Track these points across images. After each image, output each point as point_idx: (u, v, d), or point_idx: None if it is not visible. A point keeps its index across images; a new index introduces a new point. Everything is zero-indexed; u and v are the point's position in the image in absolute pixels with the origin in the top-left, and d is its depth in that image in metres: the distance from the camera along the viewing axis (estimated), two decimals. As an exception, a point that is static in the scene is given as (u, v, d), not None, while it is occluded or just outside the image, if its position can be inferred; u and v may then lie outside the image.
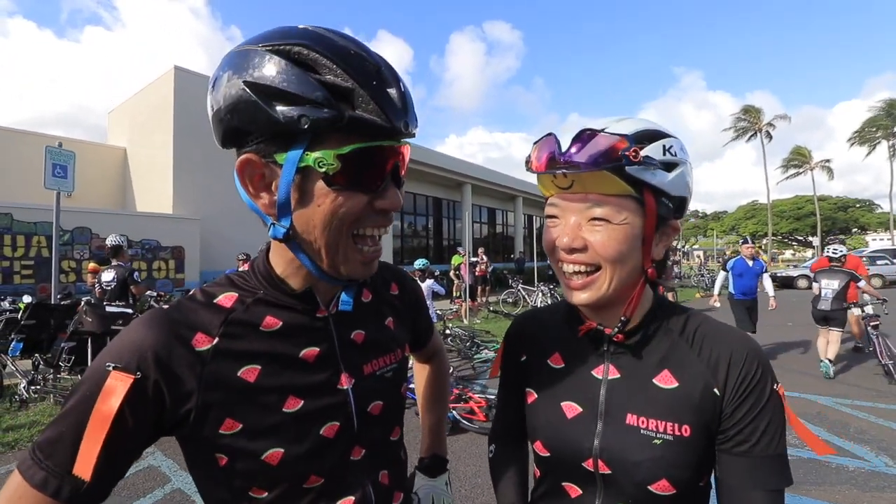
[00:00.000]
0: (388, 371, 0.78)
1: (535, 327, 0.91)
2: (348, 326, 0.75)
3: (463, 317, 10.25)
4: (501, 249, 24.06)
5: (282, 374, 0.65)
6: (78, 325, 5.03)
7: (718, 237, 52.11)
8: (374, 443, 0.74)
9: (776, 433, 0.69)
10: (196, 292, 0.69)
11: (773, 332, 8.37)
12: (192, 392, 0.60)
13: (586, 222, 0.69)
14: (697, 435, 0.69)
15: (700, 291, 17.10)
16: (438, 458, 1.06)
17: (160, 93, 11.72)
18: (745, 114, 40.49)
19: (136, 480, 3.25)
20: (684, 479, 0.69)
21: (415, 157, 15.95)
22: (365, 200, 0.61)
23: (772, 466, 0.68)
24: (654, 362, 0.74)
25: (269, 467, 0.63)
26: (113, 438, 0.55)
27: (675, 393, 0.71)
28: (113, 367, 0.57)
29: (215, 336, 0.63)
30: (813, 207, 43.95)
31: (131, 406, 0.56)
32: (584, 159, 0.64)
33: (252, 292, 0.69)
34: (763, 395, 0.69)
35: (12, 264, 8.49)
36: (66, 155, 5.53)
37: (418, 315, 0.95)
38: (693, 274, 21.41)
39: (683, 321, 0.77)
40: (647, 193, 0.68)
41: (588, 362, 0.79)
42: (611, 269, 0.69)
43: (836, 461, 3.44)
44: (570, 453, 0.75)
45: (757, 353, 0.72)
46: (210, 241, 11.27)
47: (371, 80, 0.57)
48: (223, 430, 0.61)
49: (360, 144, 0.58)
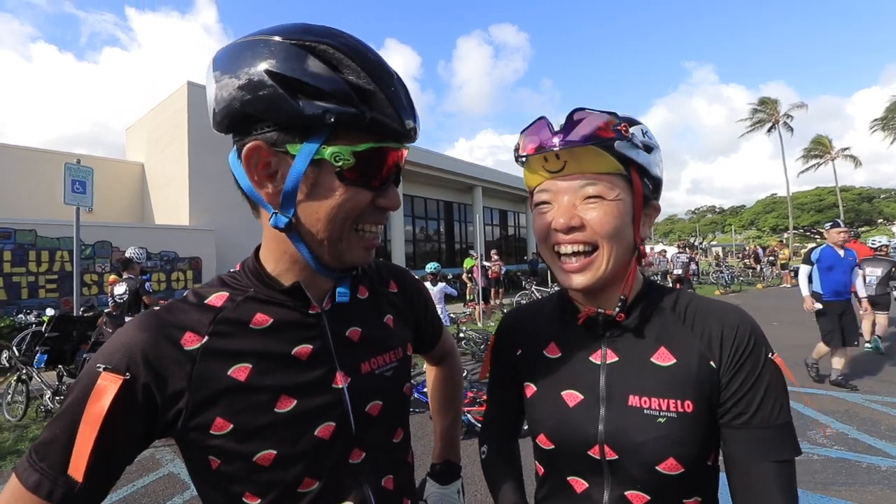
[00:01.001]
0: (387, 370, 0.76)
1: (527, 320, 0.91)
2: (343, 323, 0.73)
3: (476, 319, 10.20)
4: (514, 251, 23.95)
5: (274, 373, 0.64)
6: (99, 336, 5.17)
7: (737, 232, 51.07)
8: (374, 445, 0.72)
9: (776, 403, 0.68)
10: (188, 294, 0.69)
11: (800, 329, 8.13)
12: (182, 391, 0.60)
13: (581, 202, 0.70)
14: (700, 410, 0.69)
15: (719, 288, 16.72)
16: (451, 465, 1.03)
17: (175, 107, 11.99)
18: (761, 105, 39.70)
19: (156, 488, 3.29)
20: (691, 456, 0.68)
21: (425, 162, 16.03)
22: (369, 197, 0.63)
23: (774, 436, 0.67)
24: (650, 341, 0.75)
25: (261, 469, 0.62)
26: (104, 439, 0.55)
27: (673, 369, 0.71)
28: (103, 369, 0.57)
29: (205, 335, 0.63)
30: (835, 199, 42.82)
31: (121, 406, 0.56)
32: (580, 136, 0.67)
33: (243, 291, 0.68)
34: (757, 365, 0.69)
35: (37, 279, 8.73)
36: (84, 171, 5.68)
37: (423, 314, 0.94)
38: (711, 270, 20.99)
39: (674, 299, 0.78)
40: (633, 172, 0.71)
41: (585, 349, 0.79)
42: (608, 247, 0.70)
43: (866, 460, 3.31)
44: (576, 442, 0.74)
45: (748, 323, 0.72)
46: (226, 251, 11.44)
47: (389, 85, 0.60)
48: (214, 431, 0.60)
49: (373, 144, 0.60)
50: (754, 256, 23.29)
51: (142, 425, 0.59)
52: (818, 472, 3.16)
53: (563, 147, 0.68)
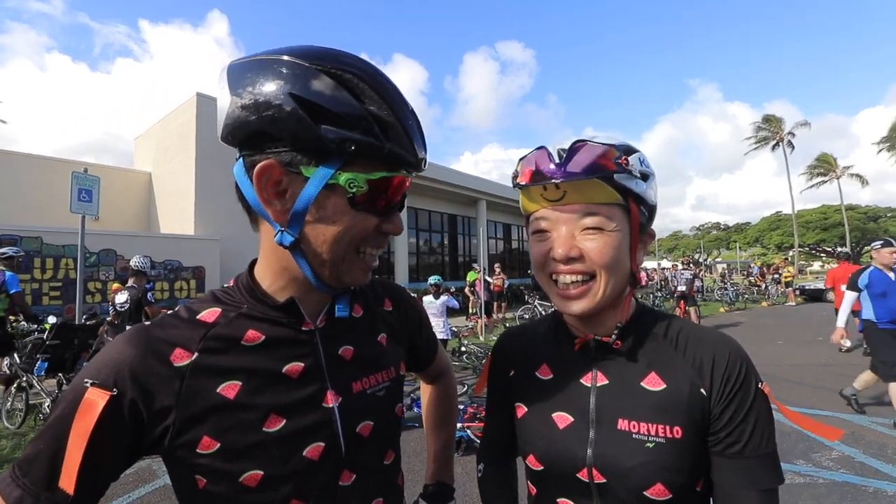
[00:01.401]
0: (379, 390, 0.75)
1: (522, 341, 0.91)
2: (336, 341, 0.73)
3: (479, 333, 10.14)
4: (518, 265, 23.89)
5: (264, 391, 0.64)
6: (100, 344, 5.15)
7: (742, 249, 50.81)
8: (365, 467, 0.71)
9: (764, 432, 0.69)
10: (180, 309, 0.68)
11: (804, 348, 8.04)
12: (169, 408, 0.59)
13: (579, 232, 0.71)
14: (689, 436, 0.69)
15: (724, 306, 16.60)
16: (444, 486, 1.01)
17: (183, 118, 12.14)
18: (765, 123, 39.83)
19: (151, 499, 3.26)
20: (679, 482, 0.68)
21: (429, 175, 16.09)
22: (375, 223, 0.64)
23: (763, 466, 0.68)
24: (641, 366, 0.75)
25: (247, 490, 0.61)
26: (92, 454, 0.54)
27: (663, 394, 0.72)
28: (91, 384, 0.57)
29: (195, 351, 0.62)
30: (840, 217, 42.59)
31: (109, 422, 0.56)
32: (581, 168, 0.67)
33: (236, 307, 0.68)
34: (748, 395, 0.70)
35: (41, 286, 8.79)
36: (91, 180, 5.75)
37: (417, 333, 0.93)
38: (716, 288, 20.86)
39: (666, 325, 0.79)
40: (631, 202, 0.72)
41: (576, 371, 0.79)
42: (606, 276, 0.71)
43: (873, 484, 3.24)
44: (564, 464, 0.74)
45: (739, 353, 0.73)
46: (230, 261, 11.47)
47: (407, 118, 0.62)
48: (200, 450, 0.60)
49: (387, 173, 0.62)
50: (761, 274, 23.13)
51: (129, 441, 0.58)
52: (823, 497, 3.09)
53: (563, 179, 0.68)
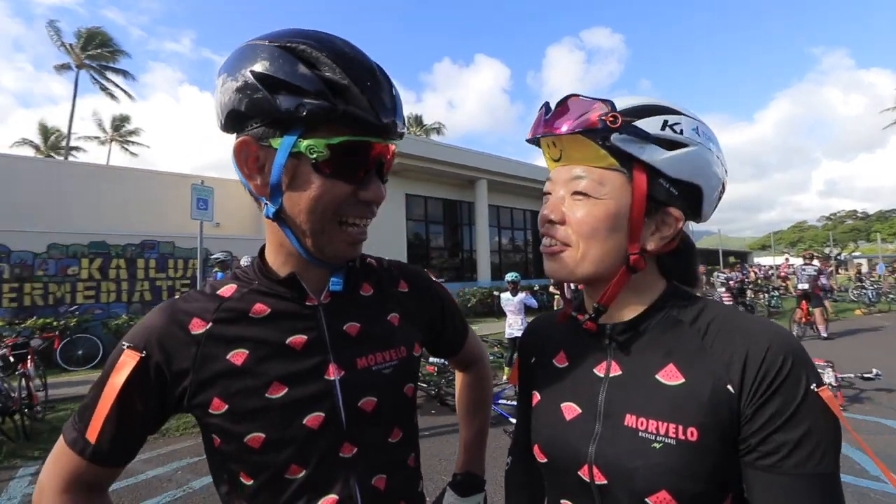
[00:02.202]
0: (386, 367, 0.76)
1: (544, 329, 0.87)
2: (341, 318, 0.76)
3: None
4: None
5: (268, 360, 0.69)
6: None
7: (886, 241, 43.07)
8: (367, 442, 0.72)
9: (818, 446, 0.55)
10: (205, 285, 0.77)
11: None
12: (187, 371, 0.67)
13: (570, 196, 0.67)
14: (707, 440, 0.58)
15: (861, 308, 14.23)
16: (472, 477, 0.99)
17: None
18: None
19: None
20: (691, 492, 0.58)
21: (514, 173, 15.92)
22: (348, 190, 0.65)
23: (810, 489, 0.55)
24: (659, 356, 0.66)
25: (251, 451, 0.67)
26: (122, 407, 0.64)
27: (679, 390, 0.62)
28: (126, 346, 0.66)
29: (209, 321, 0.69)
30: None
31: (138, 380, 0.65)
32: (563, 124, 0.64)
33: (248, 283, 0.75)
34: (794, 397, 0.56)
35: (174, 283, 10.33)
36: (206, 190, 6.59)
37: (439, 317, 0.93)
38: (852, 286, 17.92)
39: (697, 311, 0.68)
40: (637, 169, 0.63)
41: (590, 360, 0.72)
42: (583, 247, 0.66)
43: None
44: (566, 459, 0.68)
45: (785, 344, 0.59)
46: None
47: (365, 80, 0.63)
48: (212, 410, 0.67)
49: (349, 137, 0.63)
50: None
51: (155, 399, 0.67)
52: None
53: (546, 134, 0.65)
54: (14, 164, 11.98)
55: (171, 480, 3.55)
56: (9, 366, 5.04)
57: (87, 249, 9.61)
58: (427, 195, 15.19)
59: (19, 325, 7.50)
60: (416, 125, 36.38)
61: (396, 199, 14.28)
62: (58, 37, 25.88)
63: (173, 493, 3.34)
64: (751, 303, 13.26)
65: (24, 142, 29.09)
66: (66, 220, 11.38)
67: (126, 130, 32.84)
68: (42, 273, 9.11)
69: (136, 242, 10.11)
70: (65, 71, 27.00)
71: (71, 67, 26.94)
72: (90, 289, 9.45)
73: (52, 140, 29.97)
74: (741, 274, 15.36)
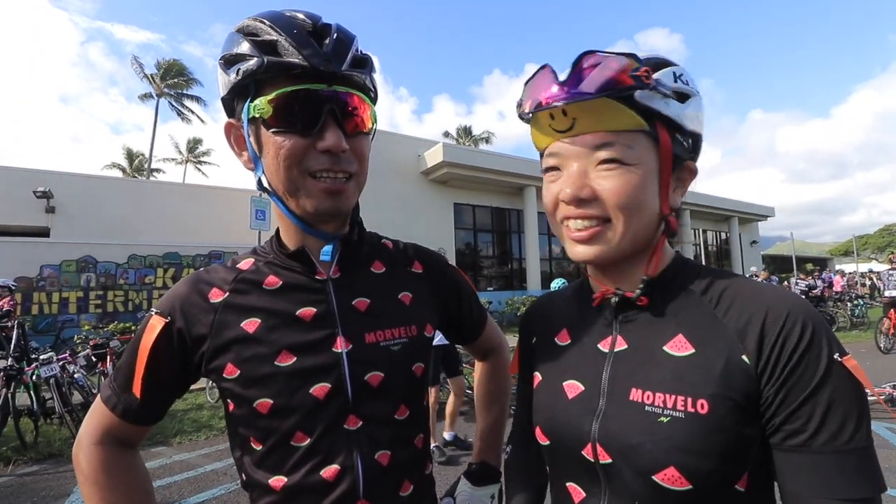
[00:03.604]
0: (394, 344, 0.77)
1: (545, 308, 0.83)
2: (351, 292, 0.77)
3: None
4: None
5: (279, 330, 0.72)
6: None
7: None
8: (372, 416, 0.73)
9: (847, 420, 0.51)
10: (230, 260, 0.82)
11: None
12: (205, 337, 0.71)
13: (594, 168, 0.60)
14: (719, 413, 0.54)
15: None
16: (487, 467, 0.98)
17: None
18: None
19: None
20: (701, 469, 0.53)
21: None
22: (304, 142, 0.66)
23: (843, 465, 0.50)
24: (667, 327, 0.62)
25: (260, 416, 0.69)
26: (151, 367, 0.70)
27: (689, 361, 0.58)
28: (155, 312, 0.73)
29: (226, 291, 0.74)
30: None
31: (163, 343, 0.70)
32: (589, 87, 0.56)
33: (265, 257, 0.79)
34: (817, 368, 0.52)
35: (236, 292, 11.06)
36: (264, 202, 7.01)
37: (454, 302, 0.93)
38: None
39: (709, 281, 0.63)
40: (660, 127, 0.59)
41: (594, 335, 0.69)
42: (624, 220, 0.59)
43: None
44: (568, 438, 0.65)
45: (804, 312, 0.55)
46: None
47: (293, 30, 0.65)
48: (226, 375, 0.70)
49: (285, 89, 0.65)
50: None
51: (178, 362, 0.72)
52: None
53: (568, 101, 0.57)
54: (101, 185, 13.36)
55: (226, 474, 3.75)
56: (91, 365, 5.56)
57: (162, 260, 10.50)
58: (476, 203, 15.20)
59: (102, 329, 8.26)
60: (465, 136, 36.67)
61: (444, 208, 14.39)
62: (141, 69, 28.68)
63: (227, 486, 3.52)
64: (831, 313, 12.06)
65: (112, 165, 32.39)
66: (144, 233, 12.48)
67: (199, 151, 35.66)
68: (123, 282, 10.05)
69: (205, 253, 10.94)
70: (147, 99, 29.92)
71: (152, 96, 29.78)
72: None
73: (136, 163, 33.10)
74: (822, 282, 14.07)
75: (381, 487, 0.72)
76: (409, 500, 0.76)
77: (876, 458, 0.51)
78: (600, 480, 0.62)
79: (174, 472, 3.83)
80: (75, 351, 6.17)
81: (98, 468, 0.70)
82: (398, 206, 12.71)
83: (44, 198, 11.50)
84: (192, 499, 3.34)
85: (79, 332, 8.49)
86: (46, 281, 9.47)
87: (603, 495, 0.62)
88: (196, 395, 6.06)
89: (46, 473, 3.87)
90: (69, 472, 3.84)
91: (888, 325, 8.41)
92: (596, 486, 0.63)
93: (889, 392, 4.70)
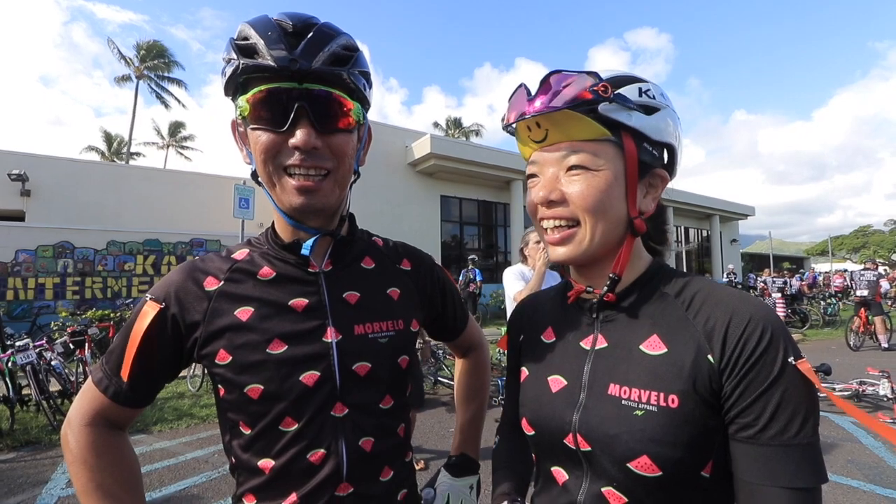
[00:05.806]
0: (381, 336, 0.80)
1: (533, 306, 0.89)
2: (342, 285, 0.80)
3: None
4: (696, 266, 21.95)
5: (271, 319, 0.74)
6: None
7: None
8: (358, 404, 0.76)
9: (794, 417, 0.57)
10: (224, 249, 0.84)
11: None
12: (198, 323, 0.74)
13: (564, 173, 0.66)
14: (687, 407, 0.60)
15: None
16: (466, 459, 1.02)
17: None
18: None
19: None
20: (671, 458, 0.59)
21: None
22: (278, 139, 0.70)
23: (789, 458, 0.56)
24: (643, 328, 0.67)
25: (250, 401, 0.72)
26: (143, 352, 0.71)
27: (662, 359, 0.63)
28: (150, 298, 0.74)
29: (221, 280, 0.76)
30: None
31: (156, 329, 0.72)
32: (559, 101, 0.63)
33: (259, 248, 0.81)
34: (771, 369, 0.57)
35: (219, 280, 10.93)
36: (248, 190, 6.91)
37: (439, 299, 0.96)
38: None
39: (682, 284, 0.69)
40: (625, 137, 0.66)
41: (577, 333, 0.74)
42: (591, 222, 0.66)
43: None
44: (552, 429, 0.70)
45: (765, 318, 0.60)
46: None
47: (268, 32, 0.68)
48: (218, 361, 0.73)
49: (260, 87, 0.69)
50: None
51: (171, 347, 0.74)
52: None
53: (536, 113, 0.64)
54: (80, 169, 12.95)
55: (207, 462, 3.75)
56: (69, 352, 5.47)
57: (142, 247, 10.31)
58: (462, 196, 15.21)
59: (80, 316, 8.10)
60: (454, 127, 36.58)
61: (431, 200, 14.38)
62: (118, 50, 27.73)
63: (209, 473, 3.53)
64: (803, 311, 12.45)
65: (90, 148, 31.48)
66: (123, 219, 12.19)
67: (182, 136, 34.87)
68: (102, 268, 9.84)
69: (186, 240, 10.77)
70: (125, 82, 28.96)
71: (131, 78, 28.86)
72: (144, 283, 10.17)
73: (115, 146, 32.25)
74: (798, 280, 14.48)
75: (364, 472, 0.76)
76: (388, 484, 0.79)
77: (820, 453, 0.57)
78: (582, 464, 0.67)
79: (154, 459, 3.81)
80: (52, 338, 6.05)
81: (87, 449, 0.72)
82: (385, 198, 12.66)
83: (18, 180, 11.12)
84: (172, 486, 3.34)
85: (55, 319, 8.31)
86: (22, 266, 9.23)
87: (585, 477, 0.67)
88: (177, 384, 6.00)
89: (24, 461, 3.82)
90: (46, 460, 3.80)
91: (858, 324, 8.74)
92: (578, 469, 0.68)
93: (856, 388, 4.90)
